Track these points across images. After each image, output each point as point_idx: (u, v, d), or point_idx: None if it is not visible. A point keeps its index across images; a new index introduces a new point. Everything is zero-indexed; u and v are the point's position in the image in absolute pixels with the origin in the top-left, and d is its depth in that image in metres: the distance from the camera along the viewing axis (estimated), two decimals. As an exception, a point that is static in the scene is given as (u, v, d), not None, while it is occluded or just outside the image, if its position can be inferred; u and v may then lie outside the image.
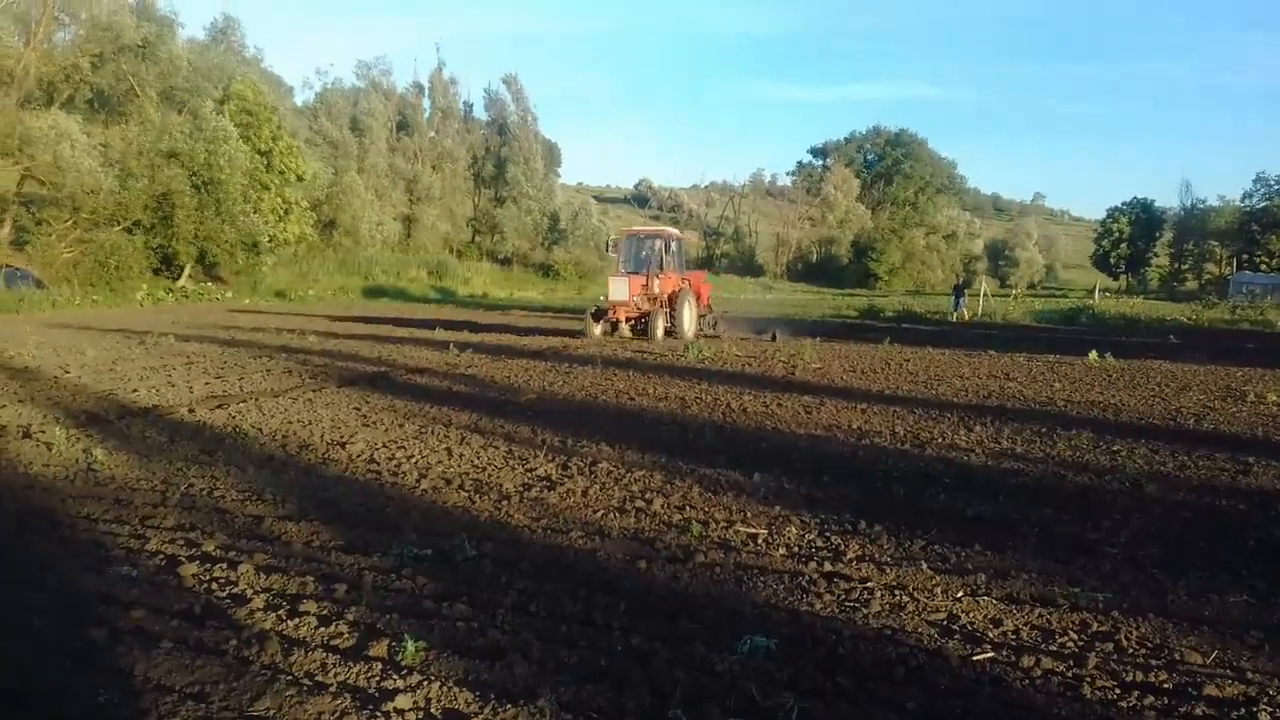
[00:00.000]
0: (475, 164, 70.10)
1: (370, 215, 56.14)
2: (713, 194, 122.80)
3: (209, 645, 4.61)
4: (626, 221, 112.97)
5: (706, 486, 8.04)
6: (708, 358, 19.08)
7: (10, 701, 4.02)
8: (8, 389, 12.81)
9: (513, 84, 71.00)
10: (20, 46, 31.47)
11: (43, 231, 35.08)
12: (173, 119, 36.89)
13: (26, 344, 18.95)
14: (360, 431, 10.31)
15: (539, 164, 71.27)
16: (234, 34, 52.53)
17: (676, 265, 26.70)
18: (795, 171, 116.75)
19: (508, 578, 5.60)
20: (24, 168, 33.52)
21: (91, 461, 8.48)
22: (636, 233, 28.24)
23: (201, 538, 6.32)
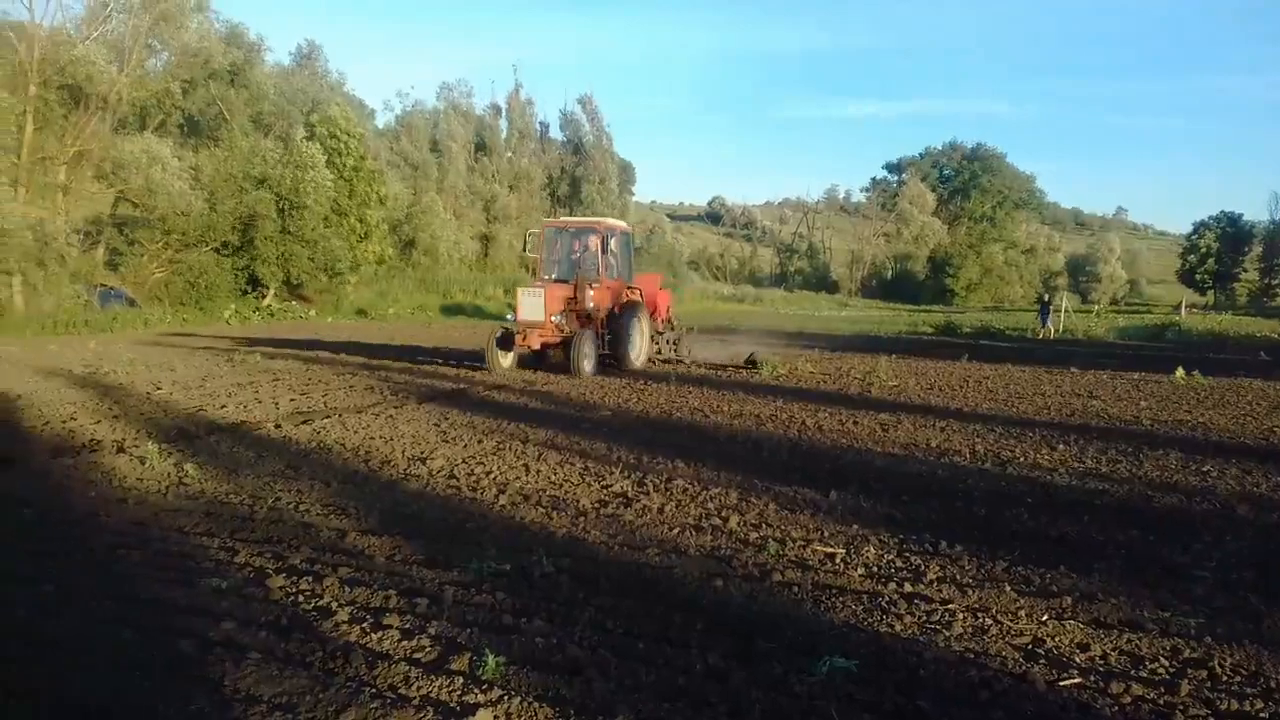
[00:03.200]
0: (551, 183, 70.82)
1: (449, 235, 57.04)
2: (786, 210, 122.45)
3: (296, 657, 4.71)
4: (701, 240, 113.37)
5: (783, 504, 8.00)
6: (781, 375, 18.98)
7: (103, 712, 4.14)
8: (102, 405, 13.26)
9: (588, 104, 71.76)
10: (115, 73, 32.66)
11: (135, 252, 36.36)
12: (262, 144, 37.95)
13: (120, 361, 19.59)
14: (440, 447, 10.47)
15: (613, 183, 71.75)
16: (317, 59, 53.99)
17: (620, 268, 20.47)
18: (870, 187, 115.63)
19: (585, 594, 5.63)
20: (118, 190, 34.79)
21: (182, 476, 8.74)
22: (562, 225, 21.52)
23: (288, 551, 6.47)
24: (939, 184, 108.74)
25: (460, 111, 65.66)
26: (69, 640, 4.85)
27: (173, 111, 37.51)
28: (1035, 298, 55.39)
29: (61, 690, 4.31)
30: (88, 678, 4.42)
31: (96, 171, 33.85)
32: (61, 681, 4.39)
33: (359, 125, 45.59)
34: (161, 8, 33.82)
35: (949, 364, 22.27)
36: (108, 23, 33.72)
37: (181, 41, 35.10)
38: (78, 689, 4.32)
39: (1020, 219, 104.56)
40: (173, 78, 35.80)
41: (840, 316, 60.20)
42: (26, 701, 4.20)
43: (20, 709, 4.14)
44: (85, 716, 4.10)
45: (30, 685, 4.34)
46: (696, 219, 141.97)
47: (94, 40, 32.90)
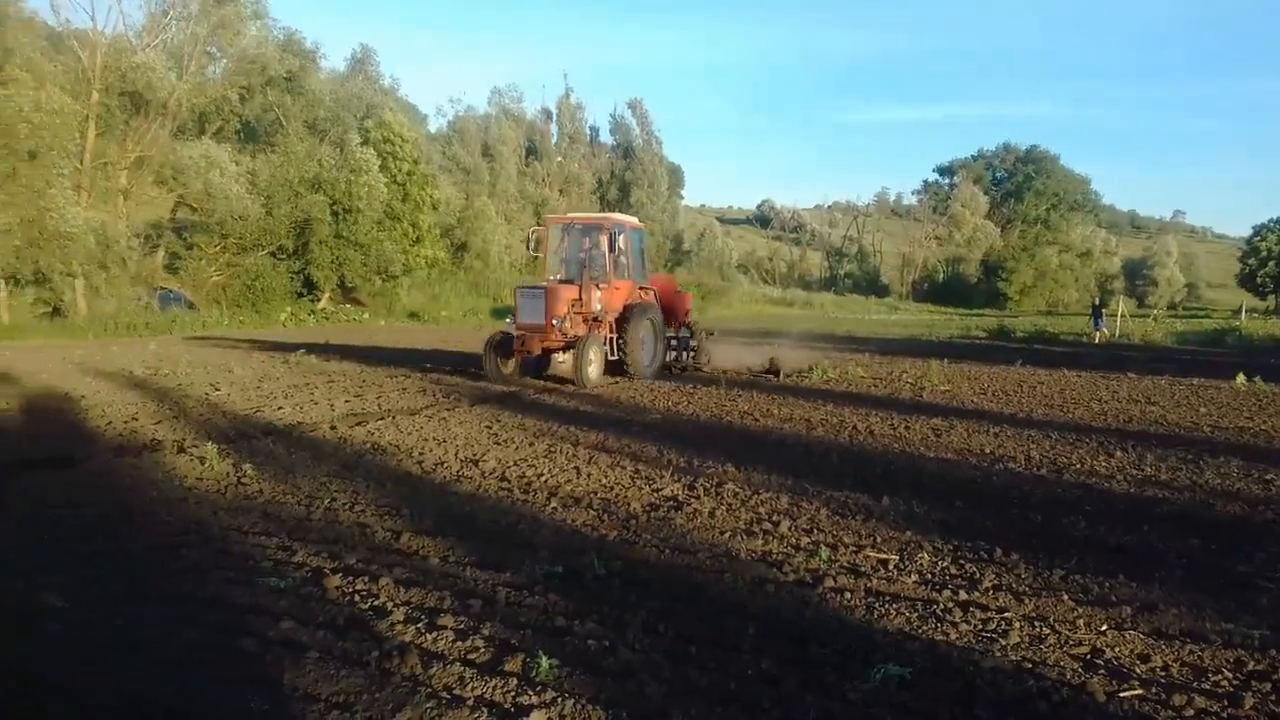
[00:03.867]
0: (601, 187, 71.04)
1: (500, 239, 57.47)
2: (836, 214, 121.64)
3: (353, 656, 4.77)
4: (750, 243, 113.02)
5: (834, 510, 7.95)
6: (832, 379, 18.87)
7: (166, 709, 4.22)
8: (163, 405, 13.52)
9: (638, 108, 71.89)
10: (174, 80, 33.35)
11: (194, 256, 37.10)
12: (318, 149, 38.52)
13: (179, 362, 19.98)
14: (492, 450, 10.55)
15: (663, 186, 71.79)
16: (371, 64, 54.66)
17: (632, 268, 19.02)
18: (921, 190, 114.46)
19: (637, 597, 5.64)
20: (177, 195, 35.54)
21: (241, 476, 8.90)
22: (567, 222, 20.02)
23: (344, 551, 6.55)
24: (992, 186, 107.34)
25: (511, 116, 66.11)
26: (135, 638, 4.95)
27: (231, 117, 38.21)
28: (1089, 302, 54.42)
29: (128, 688, 4.40)
30: (153, 675, 4.52)
31: (156, 176, 34.61)
32: (127, 679, 4.49)
33: (412, 130, 46.10)
34: (219, 15, 34.51)
35: (1002, 369, 21.98)
36: (167, 30, 34.49)
37: (239, 48, 35.77)
38: (143, 686, 4.41)
39: (1075, 222, 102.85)
40: (230, 84, 36.48)
41: (891, 320, 59.67)
42: (94, 699, 4.29)
43: (88, 707, 4.23)
44: (151, 714, 4.18)
45: (97, 683, 4.44)
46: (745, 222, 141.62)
47: (154, 48, 33.65)
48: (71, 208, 27.35)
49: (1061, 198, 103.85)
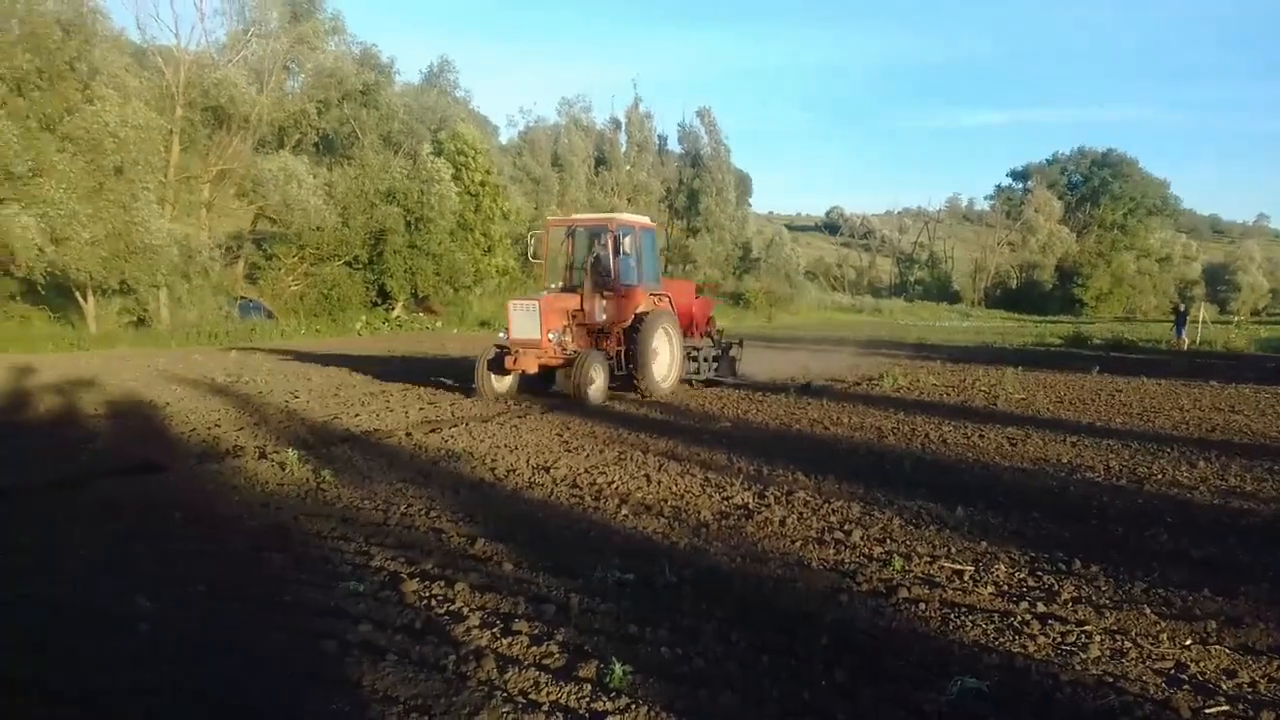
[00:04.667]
0: (669, 196, 71.11)
1: (569, 248, 57.86)
2: (906, 220, 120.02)
3: (430, 660, 4.85)
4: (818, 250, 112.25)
5: (907, 519, 7.88)
6: (903, 387, 18.66)
7: (251, 710, 4.33)
8: (244, 413, 13.86)
9: (706, 116, 71.75)
10: (255, 94, 34.21)
11: (272, 266, 38.00)
12: (391, 160, 39.20)
13: (259, 370, 20.46)
14: (563, 457, 10.64)
15: (731, 194, 71.57)
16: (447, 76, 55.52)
17: (643, 272, 17.24)
18: (994, 195, 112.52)
19: (708, 606, 5.64)
20: (257, 207, 36.44)
21: (320, 482, 9.09)
22: (571, 224, 18.42)
23: (420, 556, 6.66)
24: (1067, 191, 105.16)
25: (581, 126, 66.49)
26: (220, 639, 5.09)
27: (309, 130, 39.07)
28: (1170, 308, 52.97)
29: (214, 687, 4.53)
30: (238, 675, 4.64)
31: (237, 189, 35.53)
32: (213, 678, 4.61)
33: (484, 142, 46.68)
34: (298, 31, 35.35)
35: (1079, 377, 21.53)
36: (248, 47, 35.38)
37: (317, 63, 36.57)
38: (229, 686, 4.53)
39: (1153, 226, 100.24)
40: (309, 98, 37.31)
41: (962, 327, 58.81)
42: (183, 698, 4.42)
43: (178, 705, 4.36)
44: (237, 713, 4.30)
45: (186, 682, 4.57)
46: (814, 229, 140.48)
47: (235, 63, 34.55)
48: (156, 220, 28.16)
49: (1139, 202, 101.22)
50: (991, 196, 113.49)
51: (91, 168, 26.42)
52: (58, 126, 26.26)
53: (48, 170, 24.84)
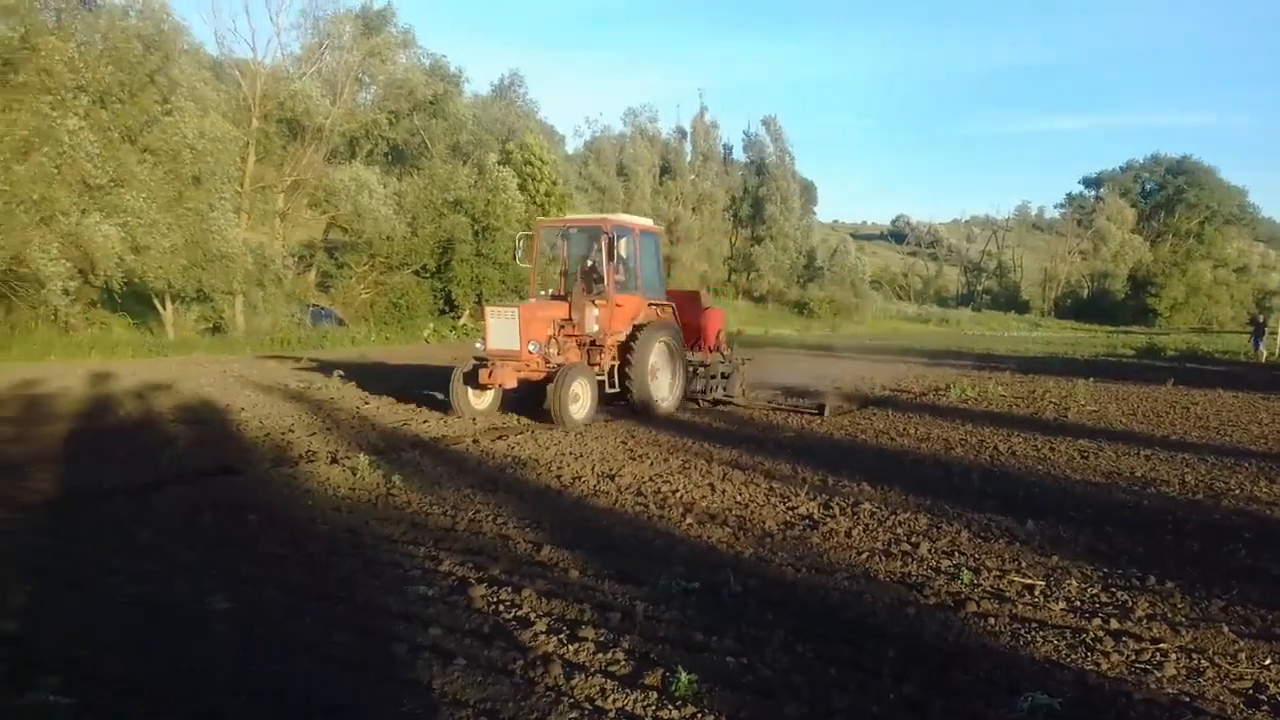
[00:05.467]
0: (733, 204, 71.12)
1: (634, 256, 58.15)
2: (974, 228, 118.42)
3: (498, 664, 4.91)
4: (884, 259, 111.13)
5: (976, 532, 7.79)
6: (970, 398, 18.42)
7: (324, 710, 4.42)
8: (316, 418, 14.14)
9: (771, 125, 71.63)
10: (328, 106, 34.95)
11: (343, 274, 38.74)
12: (459, 170, 39.73)
13: (331, 376, 20.84)
14: (627, 465, 10.69)
15: (796, 203, 71.33)
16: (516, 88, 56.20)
17: (642, 279, 15.90)
18: (1064, 203, 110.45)
19: (774, 616, 5.64)
20: (329, 216, 37.19)
21: (390, 487, 9.24)
22: (561, 225, 17.14)
23: (488, 562, 6.74)
24: (1140, 199, 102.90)
25: (646, 136, 66.83)
26: (295, 640, 5.21)
27: (379, 141, 39.80)
28: (1247, 319, 51.52)
29: (290, 686, 4.64)
30: (312, 676, 4.75)
31: (310, 199, 36.30)
32: (289, 678, 4.72)
33: (550, 152, 47.11)
34: (370, 44, 36.07)
35: (1153, 388, 21.05)
36: (322, 60, 36.18)
37: (388, 75, 37.28)
38: (304, 686, 4.63)
39: (1230, 235, 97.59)
40: (380, 109, 38.03)
41: (1031, 337, 57.76)
42: (261, 697, 4.53)
43: (255, 704, 4.47)
44: (312, 712, 4.40)
45: (263, 681, 4.68)
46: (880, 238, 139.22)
47: (310, 76, 35.36)
48: (232, 230, 28.90)
49: (1216, 210, 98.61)
50: (1062, 204, 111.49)
51: (170, 178, 27.19)
52: (138, 138, 27.07)
53: (128, 181, 25.62)
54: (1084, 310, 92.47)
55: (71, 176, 23.94)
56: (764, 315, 63.21)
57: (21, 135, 22.96)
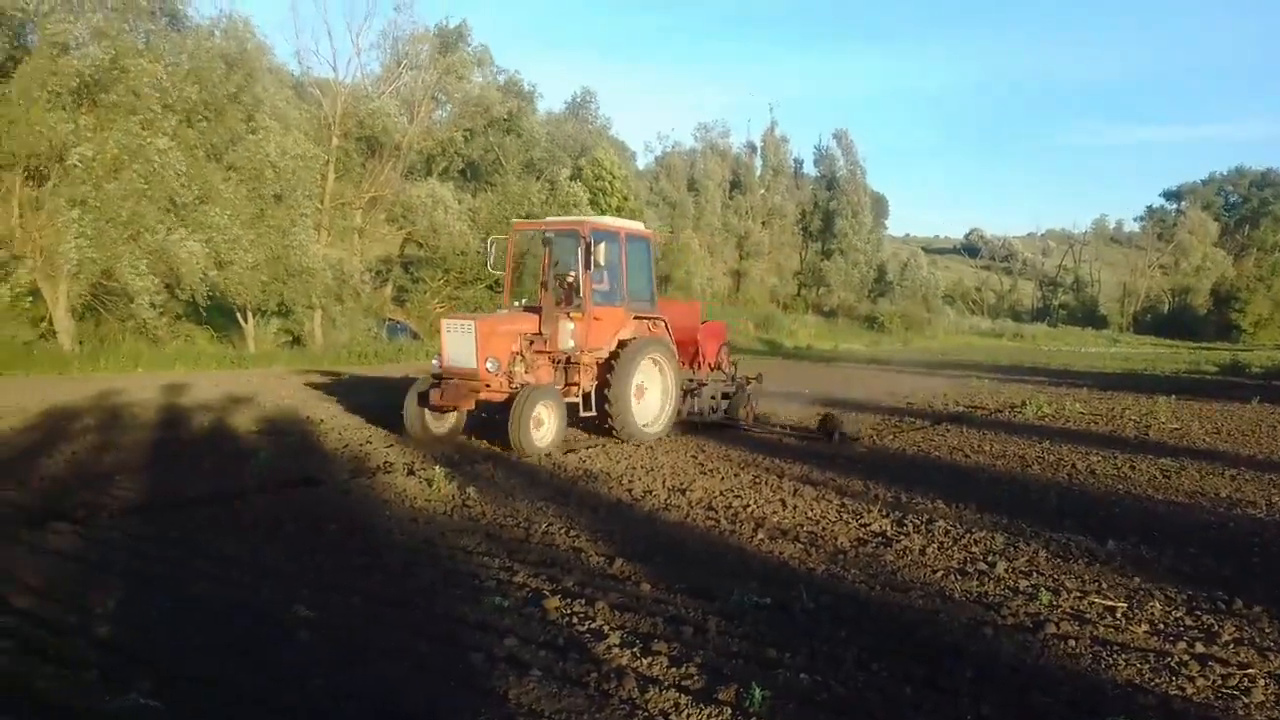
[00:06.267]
0: (803, 218, 70.78)
1: (703, 271, 58.22)
2: (1049, 242, 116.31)
3: (572, 676, 4.95)
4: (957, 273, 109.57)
5: (1054, 552, 7.67)
6: (1047, 415, 18.09)
7: (406, 715, 4.51)
8: (393, 430, 14.35)
9: (843, 139, 71.18)
10: (406, 124, 35.63)
11: (419, 289, 39.33)
12: (530, 186, 40.15)
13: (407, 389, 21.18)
14: (698, 479, 10.72)
15: (867, 216, 70.74)
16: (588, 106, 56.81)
17: (627, 289, 14.19)
18: (1144, 216, 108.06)
19: (848, 633, 5.62)
20: (406, 232, 37.82)
21: (465, 498, 9.38)
22: (538, 228, 15.89)
23: (561, 574, 6.81)
24: (1224, 212, 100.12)
25: (717, 151, 66.90)
26: (375, 647, 5.32)
27: (455, 158, 40.40)
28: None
29: (373, 692, 4.74)
30: (392, 683, 4.85)
31: (387, 215, 36.91)
32: (371, 685, 4.83)
33: (621, 167, 47.44)
34: (447, 63, 36.67)
35: (1237, 406, 20.45)
36: (400, 78, 36.89)
37: (464, 93, 37.83)
38: (384, 693, 4.73)
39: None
40: (456, 127, 38.62)
41: (1109, 353, 56.40)
42: (346, 703, 4.64)
43: (340, 709, 4.58)
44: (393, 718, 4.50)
45: (346, 687, 4.79)
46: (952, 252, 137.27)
47: (388, 95, 36.07)
48: (312, 245, 29.51)
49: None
50: (1141, 218, 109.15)
51: (253, 195, 27.89)
52: (223, 156, 27.84)
53: (213, 198, 26.35)
54: (1164, 326, 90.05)
55: (160, 194, 24.69)
56: (834, 330, 62.68)
57: (112, 154, 23.73)
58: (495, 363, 12.77)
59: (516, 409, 12.24)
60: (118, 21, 25.31)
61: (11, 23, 24.39)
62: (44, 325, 25.33)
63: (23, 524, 7.93)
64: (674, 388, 14.54)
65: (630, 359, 13.55)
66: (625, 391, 13.46)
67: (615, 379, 13.36)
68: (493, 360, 12.72)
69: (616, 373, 13.38)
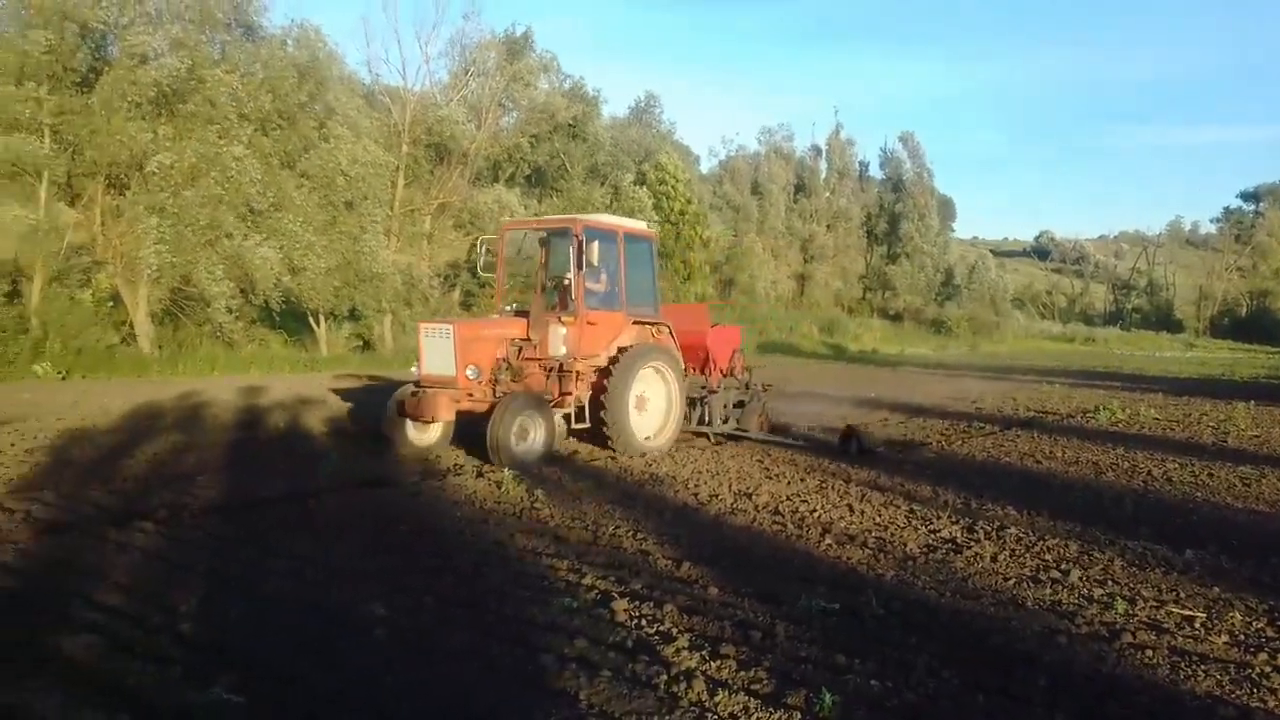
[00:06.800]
0: (869, 221, 70.16)
1: (766, 274, 58.08)
2: (1123, 244, 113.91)
3: (642, 678, 4.98)
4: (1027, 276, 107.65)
5: (1130, 560, 7.53)
6: (1120, 420, 17.72)
7: (479, 714, 4.58)
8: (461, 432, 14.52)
9: (909, 141, 70.50)
10: (473, 131, 36.06)
11: (485, 294, 39.71)
12: (594, 190, 40.37)
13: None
14: (764, 483, 10.70)
15: (934, 219, 69.92)
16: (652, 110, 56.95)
17: (626, 293, 13.34)
18: (1221, 218, 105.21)
19: (918, 640, 5.57)
20: (473, 238, 38.28)
21: (533, 501, 9.48)
22: (528, 227, 15.35)
23: (629, 577, 6.85)
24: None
25: (781, 154, 66.62)
26: (448, 647, 5.42)
27: (521, 164, 40.79)
28: None
29: (444, 691, 4.83)
30: (465, 682, 4.93)
31: (455, 221, 37.32)
32: (446, 683, 4.92)
33: (685, 171, 47.51)
34: (514, 70, 37.06)
35: (1324, 413, 19.83)
36: (467, 86, 37.36)
37: (530, 99, 38.20)
38: (457, 692, 4.82)
39: None
40: (522, 133, 39.00)
41: (1185, 358, 55.06)
42: (422, 700, 4.73)
43: (415, 706, 4.68)
44: (467, 717, 4.58)
45: (421, 686, 4.89)
46: (1022, 254, 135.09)
47: (456, 102, 36.54)
48: (382, 251, 30.00)
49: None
50: (1218, 219, 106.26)
51: (325, 202, 28.42)
52: (296, 164, 28.42)
53: (286, 205, 26.92)
54: (1242, 330, 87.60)
55: (236, 201, 25.30)
56: (900, 334, 62.04)
57: (190, 162, 24.37)
58: (476, 370, 12.03)
59: (495, 418, 11.42)
60: (195, 33, 25.96)
61: (94, 35, 25.19)
62: (125, 329, 26.08)
63: (109, 523, 8.18)
64: (679, 398, 13.61)
65: (628, 367, 12.68)
66: (622, 401, 12.56)
67: (611, 388, 12.48)
68: (473, 368, 12.01)
69: (613, 381, 12.51)
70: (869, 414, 18.49)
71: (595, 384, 12.78)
